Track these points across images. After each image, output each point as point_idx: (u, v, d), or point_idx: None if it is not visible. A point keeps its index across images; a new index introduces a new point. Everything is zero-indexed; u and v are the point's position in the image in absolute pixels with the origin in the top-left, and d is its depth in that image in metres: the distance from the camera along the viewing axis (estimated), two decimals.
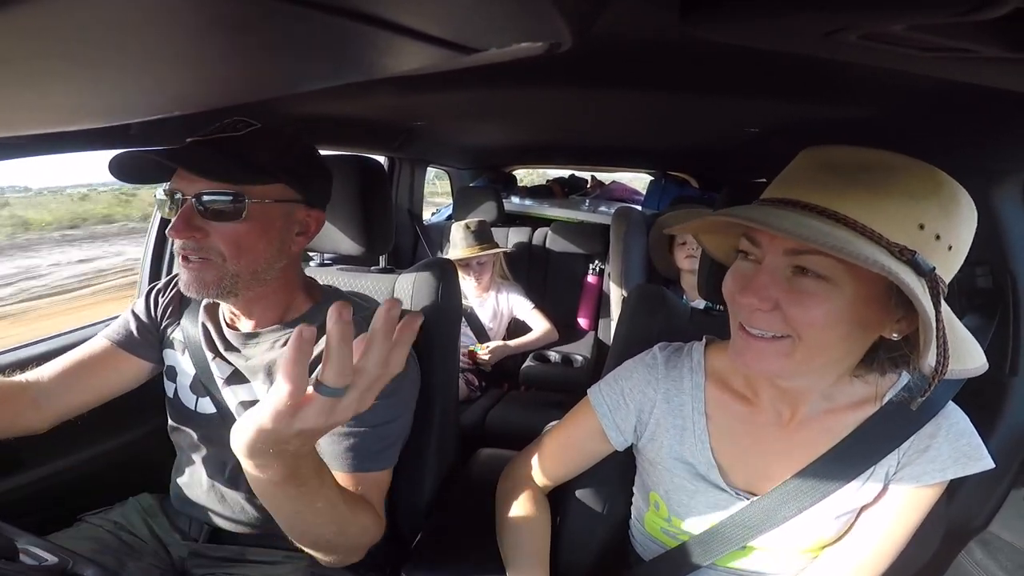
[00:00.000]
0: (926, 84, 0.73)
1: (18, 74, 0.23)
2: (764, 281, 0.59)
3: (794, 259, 0.58)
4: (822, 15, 0.37)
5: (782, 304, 0.58)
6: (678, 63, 0.78)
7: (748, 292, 0.59)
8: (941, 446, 0.67)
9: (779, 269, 0.59)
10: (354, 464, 0.82)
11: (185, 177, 0.81)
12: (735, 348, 0.64)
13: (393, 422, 0.86)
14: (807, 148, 0.63)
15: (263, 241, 0.84)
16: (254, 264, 0.84)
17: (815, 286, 0.57)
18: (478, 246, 2.17)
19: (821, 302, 0.57)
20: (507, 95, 1.13)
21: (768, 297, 0.58)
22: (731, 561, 0.77)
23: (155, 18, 0.21)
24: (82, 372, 0.93)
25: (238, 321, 0.95)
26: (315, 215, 0.91)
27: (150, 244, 1.45)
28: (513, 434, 1.79)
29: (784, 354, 0.60)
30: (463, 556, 0.91)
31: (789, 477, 0.71)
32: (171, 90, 0.31)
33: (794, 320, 0.58)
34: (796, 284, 0.58)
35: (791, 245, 0.57)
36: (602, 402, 0.82)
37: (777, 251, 0.59)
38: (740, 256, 0.63)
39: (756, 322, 0.60)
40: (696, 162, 2.73)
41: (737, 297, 0.61)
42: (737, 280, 0.63)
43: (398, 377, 0.88)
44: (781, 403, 0.73)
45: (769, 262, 0.59)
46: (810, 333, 0.59)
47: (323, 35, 0.27)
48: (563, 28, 0.34)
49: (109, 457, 1.15)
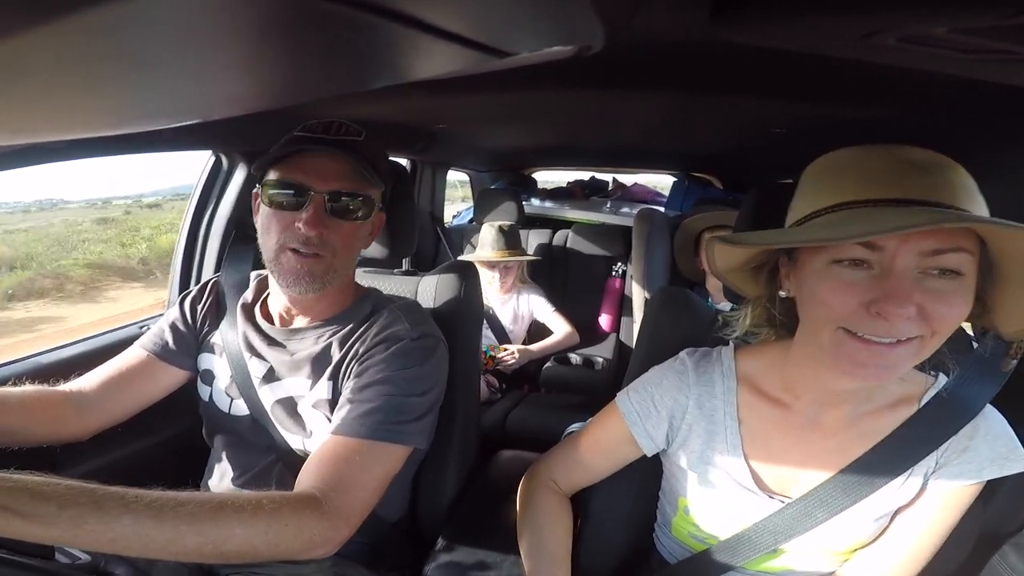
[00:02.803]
0: (957, 85, 0.71)
1: (82, 77, 0.24)
2: (906, 286, 0.56)
3: (932, 260, 0.56)
4: (862, 17, 0.37)
5: (926, 306, 0.56)
6: (704, 64, 0.78)
7: (895, 300, 0.55)
8: (980, 447, 0.66)
9: (911, 271, 0.56)
10: (367, 430, 0.80)
11: (317, 172, 0.84)
12: (853, 361, 0.59)
13: (420, 396, 0.86)
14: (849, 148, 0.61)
15: (361, 242, 0.92)
16: (349, 262, 0.91)
17: (951, 284, 0.56)
18: (508, 251, 2.17)
19: (961, 297, 0.57)
20: (531, 97, 1.13)
21: (915, 303, 0.56)
22: (760, 564, 0.76)
23: (212, 22, 0.21)
24: (122, 383, 0.96)
25: (291, 317, 0.97)
26: (381, 218, 0.97)
27: (180, 249, 1.48)
28: (534, 436, 1.78)
29: (914, 354, 0.59)
30: (484, 557, 0.91)
31: (824, 481, 0.70)
32: (221, 94, 0.32)
33: (939, 320, 0.57)
34: (931, 284, 0.56)
35: (931, 245, 0.55)
36: (632, 409, 0.81)
37: (911, 252, 0.56)
38: (846, 264, 0.59)
39: (895, 330, 0.57)
40: (721, 163, 2.70)
41: (885, 307, 0.56)
42: (855, 290, 0.58)
43: (431, 347, 0.90)
44: (824, 406, 0.71)
45: (902, 265, 0.56)
46: (948, 330, 0.58)
47: (365, 38, 0.28)
48: (598, 30, 0.34)
49: (140, 457, 1.18)
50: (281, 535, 0.66)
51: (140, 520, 0.59)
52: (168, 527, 0.60)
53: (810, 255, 0.62)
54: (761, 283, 0.73)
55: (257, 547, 0.65)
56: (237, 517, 0.64)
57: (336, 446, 0.79)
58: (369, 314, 0.94)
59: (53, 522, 0.55)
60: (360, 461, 0.78)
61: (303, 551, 0.69)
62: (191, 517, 0.61)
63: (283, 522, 0.67)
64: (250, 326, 0.97)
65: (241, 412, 0.96)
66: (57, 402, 0.89)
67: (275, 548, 0.66)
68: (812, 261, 0.62)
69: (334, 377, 0.89)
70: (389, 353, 0.86)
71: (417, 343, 0.89)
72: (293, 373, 0.92)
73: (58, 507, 0.56)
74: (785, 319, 0.70)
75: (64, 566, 0.65)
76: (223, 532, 0.63)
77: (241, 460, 0.96)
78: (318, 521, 0.70)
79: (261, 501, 0.67)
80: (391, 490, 0.84)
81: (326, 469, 0.76)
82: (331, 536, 0.71)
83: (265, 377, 0.93)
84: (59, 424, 0.88)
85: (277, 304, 0.97)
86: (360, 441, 0.79)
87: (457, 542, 0.97)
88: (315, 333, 0.93)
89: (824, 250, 0.60)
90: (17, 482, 0.56)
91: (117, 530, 0.57)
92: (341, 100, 1.11)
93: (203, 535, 0.62)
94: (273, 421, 0.93)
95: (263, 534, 0.65)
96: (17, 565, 0.57)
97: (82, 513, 0.56)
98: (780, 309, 0.72)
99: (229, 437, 0.98)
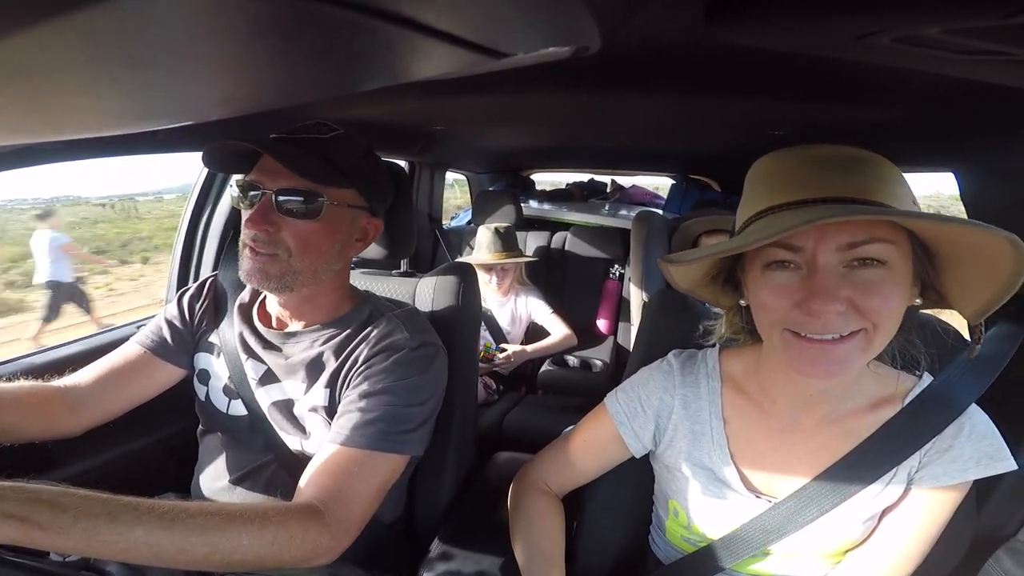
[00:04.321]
0: (954, 86, 0.71)
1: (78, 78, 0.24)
2: (830, 282, 0.57)
3: (850, 253, 0.57)
4: (856, 18, 0.37)
5: (855, 299, 0.57)
6: (702, 65, 0.78)
7: (820, 298, 0.57)
8: (963, 446, 0.67)
9: (834, 267, 0.58)
10: (367, 440, 0.80)
11: (268, 171, 0.84)
12: (803, 360, 0.61)
13: (420, 405, 0.86)
14: (769, 155, 0.63)
15: (328, 243, 0.87)
16: (315, 264, 0.87)
17: (877, 274, 0.57)
18: (504, 253, 2.17)
19: (891, 287, 0.58)
20: (529, 99, 1.13)
21: (842, 297, 0.57)
22: (750, 565, 0.76)
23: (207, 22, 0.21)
24: (117, 378, 0.95)
25: (284, 321, 0.96)
26: (375, 224, 0.95)
27: (178, 247, 1.48)
28: (531, 438, 1.78)
29: (862, 348, 0.60)
30: (480, 558, 0.91)
31: (809, 480, 0.70)
32: (216, 95, 0.32)
33: (873, 312, 0.58)
34: (857, 276, 0.58)
35: (846, 239, 0.56)
36: (620, 410, 0.82)
37: (829, 249, 0.57)
38: (774, 267, 0.61)
39: (830, 326, 0.58)
40: (719, 165, 2.70)
41: (811, 306, 0.57)
42: (785, 292, 0.60)
43: (430, 355, 0.90)
44: (800, 408, 0.72)
45: (824, 262, 0.58)
46: (886, 320, 0.59)
47: (360, 39, 0.28)
48: (594, 31, 0.34)
49: (135, 456, 1.18)
50: (286, 546, 0.67)
51: (152, 531, 0.59)
52: (179, 537, 0.61)
53: (750, 263, 0.65)
54: (727, 294, 0.74)
55: (263, 557, 0.66)
56: (245, 528, 0.65)
57: (336, 456, 0.79)
58: (366, 321, 0.94)
59: (69, 533, 0.56)
60: (360, 472, 0.79)
61: (305, 561, 0.70)
62: (201, 528, 0.62)
63: (288, 533, 0.68)
64: (247, 327, 0.96)
65: (239, 412, 0.95)
66: (51, 398, 0.89)
67: (279, 558, 0.67)
68: (752, 269, 0.64)
69: (331, 385, 0.89)
70: (389, 363, 0.86)
71: (417, 352, 0.89)
72: (289, 376, 0.92)
73: (73, 518, 0.56)
74: (751, 327, 0.71)
75: (56, 564, 0.65)
76: (231, 543, 0.64)
77: (237, 460, 0.95)
78: (320, 532, 0.71)
79: (267, 512, 0.68)
80: (388, 492, 0.84)
81: (327, 480, 0.77)
82: (332, 546, 0.72)
83: (262, 379, 0.93)
84: (52, 420, 0.88)
85: (273, 307, 0.97)
86: (360, 451, 0.80)
87: (453, 544, 0.97)
88: (310, 338, 0.93)
89: (758, 257, 0.62)
90: (35, 493, 0.57)
91: (129, 540, 0.58)
92: (338, 101, 1.10)
93: (212, 546, 0.63)
94: (271, 422, 0.92)
95: (269, 545, 0.66)
96: (7, 563, 0.57)
97: (96, 524, 0.57)
98: (745, 317, 0.73)
99: (225, 436, 0.97)
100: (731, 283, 0.73)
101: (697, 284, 0.75)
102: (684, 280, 0.73)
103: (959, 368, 0.70)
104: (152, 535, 0.59)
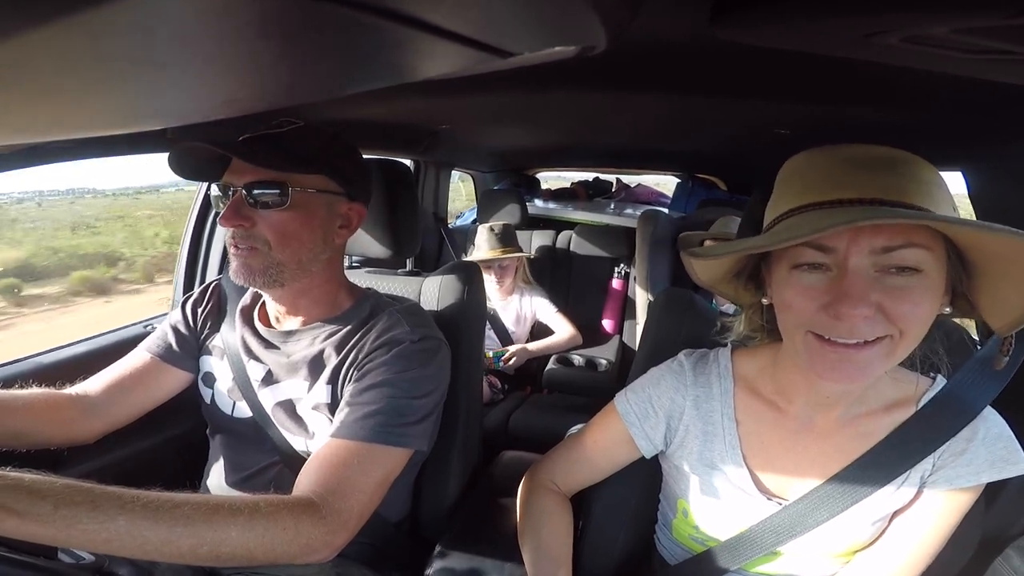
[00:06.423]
0: (962, 85, 0.71)
1: (83, 78, 0.24)
2: (861, 286, 0.55)
3: (884, 257, 0.55)
4: (864, 17, 0.36)
5: (885, 304, 0.56)
6: (708, 65, 0.78)
7: (849, 301, 0.55)
8: (978, 449, 0.66)
9: (865, 269, 0.56)
10: (367, 432, 0.80)
11: (236, 170, 0.85)
12: (824, 364, 0.59)
13: (422, 398, 0.86)
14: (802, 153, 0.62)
15: (306, 230, 0.87)
16: (298, 253, 0.87)
17: (909, 280, 0.56)
18: (500, 248, 2.18)
19: (923, 293, 0.56)
20: (534, 98, 1.13)
21: (871, 302, 0.56)
22: (759, 565, 0.75)
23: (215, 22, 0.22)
24: (128, 385, 0.96)
25: (283, 319, 0.97)
26: (356, 208, 0.94)
27: (184, 251, 1.48)
28: (536, 437, 1.79)
29: (885, 355, 0.58)
30: (486, 558, 0.91)
31: (822, 482, 0.70)
32: (223, 94, 0.32)
33: (902, 318, 0.56)
34: (888, 282, 0.56)
35: (881, 242, 0.55)
36: (630, 410, 0.82)
37: (862, 251, 0.56)
38: (804, 268, 0.59)
39: (856, 331, 0.57)
40: (725, 164, 2.69)
41: (839, 309, 0.56)
42: (813, 293, 0.59)
43: (432, 349, 0.90)
44: (816, 409, 0.71)
45: (855, 264, 0.56)
46: (914, 327, 0.57)
47: (366, 38, 0.28)
48: (599, 31, 0.34)
49: (143, 458, 1.19)
50: (278, 539, 0.66)
51: (135, 521, 0.58)
52: (163, 528, 0.60)
53: (776, 262, 0.63)
54: (750, 291, 0.73)
55: (253, 550, 0.65)
56: (233, 520, 0.64)
57: (335, 449, 0.79)
58: (368, 317, 0.94)
59: (48, 521, 0.55)
60: (359, 464, 0.77)
61: (300, 555, 0.69)
62: (187, 519, 0.61)
63: (280, 526, 0.66)
64: (248, 329, 0.97)
65: (244, 414, 0.96)
66: (63, 405, 0.90)
67: (271, 552, 0.66)
68: (778, 268, 0.63)
69: (333, 381, 0.89)
70: (390, 356, 0.86)
71: (418, 345, 0.89)
72: (290, 375, 0.92)
73: (53, 506, 0.55)
74: (772, 326, 0.70)
75: (67, 566, 0.65)
76: (219, 535, 0.63)
77: (243, 461, 0.96)
78: (315, 526, 0.69)
79: (258, 504, 0.67)
80: (393, 491, 0.84)
81: (325, 473, 0.76)
82: (329, 540, 0.71)
83: (264, 380, 0.94)
84: (66, 426, 0.89)
85: (271, 307, 0.97)
86: (360, 444, 0.79)
87: (459, 543, 0.97)
88: (310, 335, 0.93)
89: (785, 256, 0.61)
90: (14, 480, 0.56)
91: (112, 530, 0.57)
92: (343, 100, 1.11)
93: (198, 537, 0.61)
94: (275, 423, 0.93)
95: (259, 537, 0.65)
96: (19, 564, 0.58)
97: (77, 513, 0.56)
98: (766, 316, 0.72)
99: (232, 438, 0.98)
100: (754, 280, 0.72)
101: (719, 280, 0.74)
102: (706, 275, 0.72)
103: (974, 371, 0.68)
104: (135, 525, 0.58)
